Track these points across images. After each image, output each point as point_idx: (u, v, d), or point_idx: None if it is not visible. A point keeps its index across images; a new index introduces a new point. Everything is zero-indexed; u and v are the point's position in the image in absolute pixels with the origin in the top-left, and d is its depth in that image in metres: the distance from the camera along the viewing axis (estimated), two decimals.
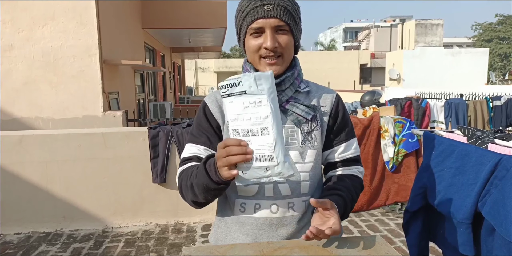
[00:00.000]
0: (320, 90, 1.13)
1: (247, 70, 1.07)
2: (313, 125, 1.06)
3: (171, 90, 13.08)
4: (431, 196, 1.63)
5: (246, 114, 0.83)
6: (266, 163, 0.83)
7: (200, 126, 1.10)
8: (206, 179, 0.91)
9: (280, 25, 0.99)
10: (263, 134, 0.83)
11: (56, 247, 3.08)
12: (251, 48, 1.02)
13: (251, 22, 0.99)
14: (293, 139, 1.06)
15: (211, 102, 1.10)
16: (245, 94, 0.83)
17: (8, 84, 5.16)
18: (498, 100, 5.27)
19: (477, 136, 1.66)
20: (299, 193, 1.06)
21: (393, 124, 3.62)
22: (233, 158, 0.82)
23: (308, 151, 1.06)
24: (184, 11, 8.12)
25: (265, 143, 0.83)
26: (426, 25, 20.67)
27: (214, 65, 29.12)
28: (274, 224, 1.06)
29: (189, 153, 1.08)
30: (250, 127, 0.84)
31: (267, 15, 0.97)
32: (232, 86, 0.84)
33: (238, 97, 0.83)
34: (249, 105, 0.83)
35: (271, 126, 0.82)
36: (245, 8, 1.00)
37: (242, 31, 1.03)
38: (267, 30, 0.99)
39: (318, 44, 40.42)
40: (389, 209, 3.80)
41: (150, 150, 3.38)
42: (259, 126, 0.83)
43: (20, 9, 5.09)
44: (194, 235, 3.25)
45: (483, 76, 18.55)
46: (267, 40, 0.98)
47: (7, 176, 3.30)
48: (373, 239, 0.99)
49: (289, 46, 1.02)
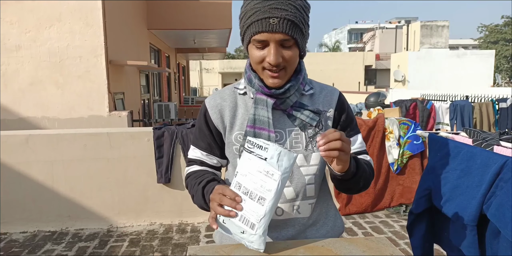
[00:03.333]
0: (323, 91, 1.12)
1: (251, 77, 1.05)
2: (317, 129, 1.06)
3: (175, 91, 13.12)
4: (436, 198, 1.63)
5: (256, 177, 0.88)
6: (246, 227, 0.88)
7: (201, 130, 1.12)
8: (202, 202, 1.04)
9: (285, 39, 0.94)
10: (259, 203, 0.87)
11: (61, 246, 3.10)
12: (254, 59, 0.99)
13: (255, 33, 0.94)
14: (297, 142, 1.06)
15: (211, 108, 1.08)
16: (265, 160, 0.86)
17: (15, 84, 5.20)
18: (504, 102, 5.23)
19: (483, 138, 1.66)
20: (304, 196, 1.07)
21: (398, 125, 3.61)
22: (218, 209, 0.90)
23: (313, 154, 1.06)
24: (189, 12, 8.15)
25: (256, 210, 0.87)
26: (431, 27, 20.58)
27: (218, 66, 29.17)
28: (278, 226, 1.07)
29: (193, 156, 1.16)
30: (252, 190, 0.88)
31: (272, 29, 0.92)
32: (259, 148, 0.88)
33: (258, 159, 0.88)
34: (262, 172, 0.87)
35: (269, 200, 0.86)
36: (249, 16, 0.95)
37: (245, 37, 0.99)
38: (271, 44, 0.95)
39: (322, 45, 40.39)
40: (394, 211, 3.78)
41: (155, 150, 3.40)
42: (259, 193, 0.87)
43: (27, 10, 5.14)
44: (198, 235, 3.26)
45: (489, 78, 18.44)
46: (270, 55, 0.95)
47: (13, 175, 3.33)
48: (378, 240, 0.99)
49: (293, 60, 0.99)
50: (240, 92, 1.10)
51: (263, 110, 1.02)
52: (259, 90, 1.04)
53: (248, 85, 1.07)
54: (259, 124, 1.02)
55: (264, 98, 1.03)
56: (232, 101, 1.09)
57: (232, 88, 1.12)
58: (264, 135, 1.02)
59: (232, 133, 1.07)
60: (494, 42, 31.37)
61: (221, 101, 1.09)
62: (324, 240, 1.00)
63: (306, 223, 1.09)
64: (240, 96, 1.10)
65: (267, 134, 1.02)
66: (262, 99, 1.03)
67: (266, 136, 1.02)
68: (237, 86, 1.11)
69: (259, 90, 1.03)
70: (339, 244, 0.96)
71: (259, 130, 1.02)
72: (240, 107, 1.08)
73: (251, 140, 0.90)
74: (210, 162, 1.13)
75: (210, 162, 1.13)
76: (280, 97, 1.03)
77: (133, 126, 5.40)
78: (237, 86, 1.11)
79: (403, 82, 18.65)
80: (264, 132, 1.02)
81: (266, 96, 1.03)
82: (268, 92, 1.02)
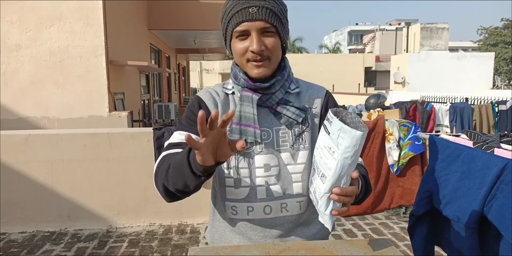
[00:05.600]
0: (310, 89, 1.13)
1: (236, 73, 1.06)
2: (303, 126, 1.07)
3: (176, 91, 13.13)
4: (437, 200, 1.62)
5: (322, 153, 0.83)
6: (315, 202, 0.89)
7: (192, 117, 1.05)
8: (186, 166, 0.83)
9: (266, 27, 0.97)
10: (321, 180, 0.83)
11: (60, 246, 3.09)
12: (237, 52, 1.00)
13: (236, 25, 0.97)
14: (284, 141, 1.06)
15: (207, 99, 1.08)
16: (328, 135, 0.80)
17: (15, 84, 5.20)
18: (503, 105, 5.23)
19: (483, 141, 1.66)
20: (291, 193, 1.07)
21: (398, 127, 3.62)
22: None
23: (300, 152, 1.06)
24: (190, 13, 8.16)
25: (319, 187, 0.84)
26: (431, 29, 20.60)
27: (219, 67, 29.17)
28: (267, 225, 1.07)
29: (178, 139, 1.01)
30: (318, 165, 0.85)
31: (252, 17, 0.95)
32: (327, 120, 0.81)
33: (324, 133, 0.82)
34: (326, 147, 0.81)
35: (329, 179, 0.80)
36: (230, 11, 0.98)
37: (227, 34, 1.01)
38: (252, 33, 0.97)
39: (322, 47, 40.43)
40: (393, 213, 3.78)
41: (155, 150, 3.39)
42: (323, 170, 0.83)
43: (28, 10, 5.14)
44: (198, 236, 3.25)
45: (489, 80, 18.45)
46: (253, 43, 0.96)
47: (12, 175, 3.33)
48: (380, 242, 0.99)
49: (276, 48, 1.00)
50: (228, 92, 1.10)
51: (248, 107, 1.03)
52: (244, 85, 1.04)
53: (234, 82, 1.08)
54: (244, 120, 1.03)
55: (249, 95, 1.04)
56: (224, 98, 1.10)
57: (221, 87, 1.12)
58: (250, 132, 1.02)
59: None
60: (493, 44, 31.40)
61: (215, 95, 1.10)
62: (325, 241, 0.99)
63: (296, 221, 1.09)
64: (229, 95, 1.11)
65: (253, 130, 1.02)
66: (248, 96, 1.04)
67: (252, 132, 1.02)
68: (225, 86, 1.12)
69: (245, 85, 1.04)
70: (340, 245, 0.96)
71: (244, 126, 1.02)
72: (231, 106, 1.09)
73: (330, 112, 0.80)
74: None
75: None
76: (265, 93, 1.04)
77: (133, 126, 5.40)
78: (225, 86, 1.12)
79: (403, 84, 18.67)
80: (250, 129, 1.02)
81: (252, 92, 1.04)
82: (253, 86, 1.03)
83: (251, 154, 1.04)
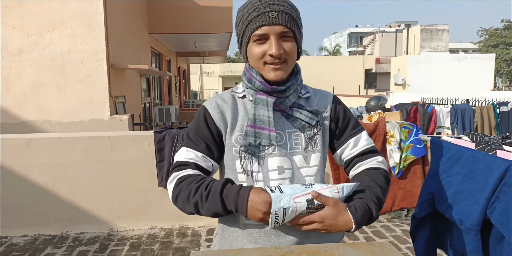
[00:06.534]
0: (318, 94, 1.15)
1: (251, 75, 1.07)
2: (315, 129, 1.08)
3: (176, 94, 13.15)
4: (439, 202, 1.62)
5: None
6: None
7: (199, 132, 1.07)
8: (219, 207, 0.95)
9: (284, 32, 0.99)
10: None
11: (61, 250, 3.09)
12: (255, 55, 1.02)
13: (255, 28, 0.99)
14: (297, 143, 1.07)
15: (212, 108, 1.08)
16: None
17: (17, 88, 5.22)
18: (505, 106, 5.23)
19: (486, 142, 1.65)
20: None
21: (399, 129, 3.61)
22: None
23: (312, 155, 1.07)
24: (190, 16, 8.19)
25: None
26: (431, 31, 20.63)
27: (219, 70, 29.22)
28: (282, 231, 1.06)
29: (186, 158, 1.05)
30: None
31: (272, 22, 0.97)
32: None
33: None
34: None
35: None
36: (248, 15, 1.00)
37: (245, 38, 1.03)
38: (271, 37, 0.99)
39: (322, 49, 40.46)
40: (395, 215, 3.77)
41: (156, 154, 3.39)
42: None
43: (29, 14, 5.16)
44: (199, 239, 3.25)
45: (489, 81, 18.46)
46: (272, 47, 0.98)
47: (14, 178, 3.33)
48: (381, 245, 0.98)
49: (293, 52, 1.03)
50: (239, 95, 1.11)
51: (263, 110, 1.04)
52: (260, 88, 1.05)
53: (248, 85, 1.08)
54: (259, 123, 1.03)
55: (264, 98, 1.05)
56: (232, 103, 1.10)
57: (230, 92, 1.13)
58: (265, 135, 1.03)
59: (232, 134, 1.07)
60: (494, 45, 31.41)
61: (222, 102, 1.10)
62: (327, 244, 0.99)
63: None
64: (239, 99, 1.11)
65: (268, 133, 1.03)
66: (262, 99, 1.05)
67: (267, 135, 1.03)
68: (235, 90, 1.13)
69: (261, 88, 1.05)
70: (342, 249, 0.96)
71: (259, 129, 1.03)
72: (240, 110, 1.09)
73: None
74: (205, 166, 1.06)
75: (205, 166, 1.06)
76: (280, 96, 1.05)
77: (134, 129, 5.40)
78: (235, 90, 1.13)
79: (403, 86, 18.67)
80: (264, 132, 1.03)
81: (266, 95, 1.05)
82: (270, 89, 1.04)
83: (263, 156, 1.05)
